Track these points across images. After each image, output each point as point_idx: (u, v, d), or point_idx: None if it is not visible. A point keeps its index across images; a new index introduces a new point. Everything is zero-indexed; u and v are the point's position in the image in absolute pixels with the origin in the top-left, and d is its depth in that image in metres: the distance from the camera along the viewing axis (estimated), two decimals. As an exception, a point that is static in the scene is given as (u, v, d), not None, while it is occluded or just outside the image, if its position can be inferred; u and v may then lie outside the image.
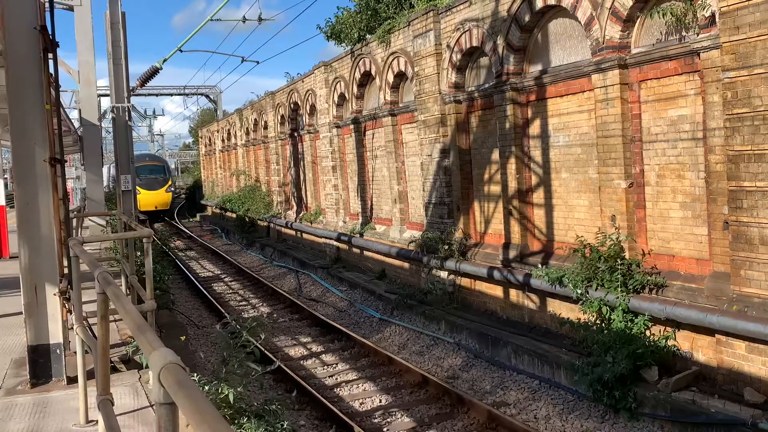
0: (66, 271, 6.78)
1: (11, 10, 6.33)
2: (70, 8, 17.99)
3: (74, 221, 14.02)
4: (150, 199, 42.19)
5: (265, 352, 11.76)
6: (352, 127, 19.19)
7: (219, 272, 23.52)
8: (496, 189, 12.81)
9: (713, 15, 8.14)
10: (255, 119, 31.12)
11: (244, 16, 22.89)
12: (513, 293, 12.15)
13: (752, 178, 7.58)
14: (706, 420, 7.38)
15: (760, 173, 7.50)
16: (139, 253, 9.91)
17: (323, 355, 12.43)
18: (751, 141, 7.56)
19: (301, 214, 25.18)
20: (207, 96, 52.77)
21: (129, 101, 16.74)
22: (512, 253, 12.03)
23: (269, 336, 13.21)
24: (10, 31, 6.33)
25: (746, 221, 7.68)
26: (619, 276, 9.26)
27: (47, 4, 7.57)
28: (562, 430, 8.47)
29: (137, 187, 37.06)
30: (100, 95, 25.72)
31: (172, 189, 46.32)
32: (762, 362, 7.52)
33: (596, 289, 9.51)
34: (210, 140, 45.75)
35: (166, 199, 44.32)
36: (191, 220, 46.16)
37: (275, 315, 15.87)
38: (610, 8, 9.62)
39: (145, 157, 47.13)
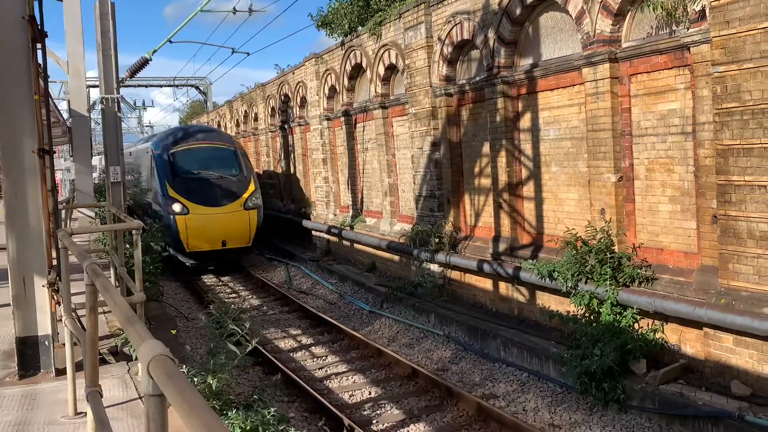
0: (55, 262, 6.75)
1: (-1, -1, 6.27)
2: (59, -2, 17.82)
3: (63, 213, 13.94)
4: (212, 225, 19.11)
5: (254, 343, 11.72)
6: (342, 119, 19.15)
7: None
8: (486, 182, 12.83)
9: (703, 9, 8.17)
10: (245, 111, 30.99)
11: (234, 8, 22.82)
12: (503, 286, 12.19)
13: (741, 172, 7.63)
14: (693, 412, 7.44)
15: (748, 167, 7.54)
16: (128, 245, 9.87)
17: (313, 348, 12.43)
18: (740, 135, 7.60)
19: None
20: (197, 87, 52.41)
21: (118, 92, 16.59)
22: (502, 246, 12.06)
23: (259, 328, 13.21)
24: (-3, 20, 6.27)
25: (734, 215, 7.73)
26: (608, 269, 9.31)
27: (35, -6, 7.49)
28: (550, 422, 8.51)
29: (181, 201, 19.13)
30: (89, 86, 25.48)
31: (257, 201, 20.30)
32: (749, 355, 7.58)
33: (586, 282, 9.56)
34: (200, 132, 45.48)
35: (246, 224, 19.64)
36: None
37: (265, 307, 15.85)
38: (600, 2, 9.63)
39: (197, 134, 22.19)
